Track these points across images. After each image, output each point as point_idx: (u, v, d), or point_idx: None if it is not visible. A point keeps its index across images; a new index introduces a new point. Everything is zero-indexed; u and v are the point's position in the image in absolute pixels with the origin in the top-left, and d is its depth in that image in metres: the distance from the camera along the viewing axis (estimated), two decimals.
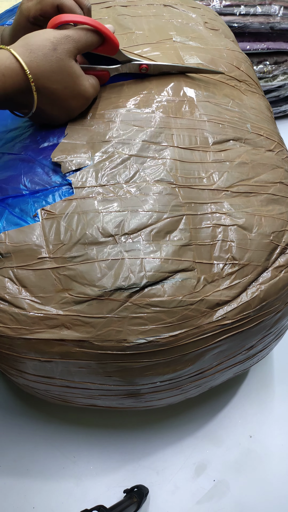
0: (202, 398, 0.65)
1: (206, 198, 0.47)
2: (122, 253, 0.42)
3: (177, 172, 0.47)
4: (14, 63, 0.42)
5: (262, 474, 0.61)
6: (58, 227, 0.43)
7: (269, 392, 0.67)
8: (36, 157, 0.48)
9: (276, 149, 0.53)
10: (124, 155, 0.47)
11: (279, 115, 1.05)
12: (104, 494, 0.59)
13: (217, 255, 0.45)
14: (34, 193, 0.46)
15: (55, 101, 0.46)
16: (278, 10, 0.89)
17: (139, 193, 0.45)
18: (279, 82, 0.94)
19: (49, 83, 0.44)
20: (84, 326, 0.42)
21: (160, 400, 0.53)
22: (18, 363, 0.46)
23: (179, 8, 0.64)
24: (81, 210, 0.44)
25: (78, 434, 0.64)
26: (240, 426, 0.64)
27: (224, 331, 0.44)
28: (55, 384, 0.49)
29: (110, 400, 0.52)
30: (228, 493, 0.59)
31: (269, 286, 0.46)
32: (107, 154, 0.47)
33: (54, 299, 0.42)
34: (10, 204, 0.46)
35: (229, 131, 0.51)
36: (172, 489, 0.60)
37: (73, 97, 0.47)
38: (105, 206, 0.44)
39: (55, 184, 0.46)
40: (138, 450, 0.63)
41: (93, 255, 0.42)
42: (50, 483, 0.60)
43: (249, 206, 0.47)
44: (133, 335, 0.42)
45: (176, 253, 0.43)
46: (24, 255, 0.43)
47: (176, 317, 0.42)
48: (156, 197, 0.45)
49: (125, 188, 0.45)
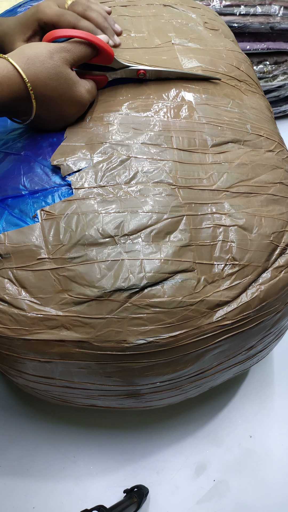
0: (202, 398, 0.66)
1: (206, 198, 0.47)
2: (122, 254, 0.42)
3: (177, 174, 0.47)
4: (12, 72, 0.43)
5: (262, 474, 0.61)
6: (58, 228, 0.43)
7: (269, 392, 0.67)
8: (36, 158, 0.48)
9: (276, 149, 0.53)
10: (123, 156, 0.47)
11: (279, 115, 1.05)
12: (104, 494, 0.59)
13: (217, 256, 0.45)
14: (33, 193, 0.46)
15: (51, 107, 0.46)
16: (278, 10, 0.89)
17: (138, 194, 0.45)
18: (279, 82, 0.94)
19: (46, 90, 0.45)
20: (84, 327, 0.42)
21: (160, 400, 0.53)
22: (18, 363, 0.46)
23: (179, 8, 0.64)
24: (80, 211, 0.44)
25: (78, 434, 0.64)
26: (240, 426, 0.64)
27: (224, 332, 0.44)
28: (55, 384, 0.49)
29: (110, 400, 0.52)
30: (228, 493, 0.59)
31: (269, 286, 0.46)
32: (107, 155, 0.47)
33: (53, 300, 0.42)
34: (10, 204, 0.46)
35: (228, 133, 0.51)
36: (172, 489, 0.60)
37: (69, 104, 0.47)
38: (105, 207, 0.44)
39: (54, 184, 0.46)
40: (138, 450, 0.63)
41: (92, 256, 0.42)
42: (50, 483, 0.60)
43: (249, 207, 0.47)
44: (133, 335, 0.42)
45: (176, 253, 0.43)
46: (23, 256, 0.43)
47: (176, 318, 0.42)
48: (155, 198, 0.45)
49: (125, 189, 0.45)
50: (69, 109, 0.48)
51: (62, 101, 0.46)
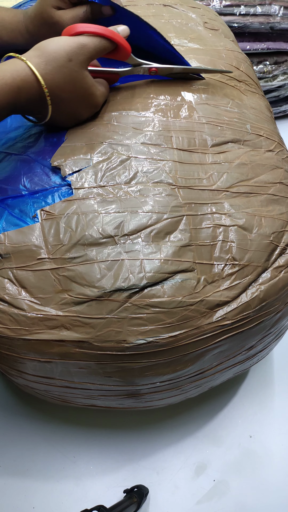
0: (202, 398, 0.66)
1: (206, 198, 0.47)
2: (122, 254, 0.42)
3: (177, 174, 0.47)
4: (30, 76, 0.43)
5: (262, 474, 0.61)
6: (58, 228, 0.43)
7: (269, 392, 0.67)
8: (36, 158, 0.48)
9: (276, 149, 0.53)
10: (123, 156, 0.47)
11: (279, 115, 1.05)
12: (104, 494, 0.59)
13: (217, 256, 0.45)
14: (33, 193, 0.46)
15: (66, 109, 0.47)
16: (278, 10, 0.89)
17: (138, 194, 0.45)
18: (279, 82, 0.94)
19: (62, 93, 0.45)
20: (84, 327, 0.42)
21: (160, 400, 0.53)
22: (18, 363, 0.46)
23: (179, 8, 0.64)
24: (80, 211, 0.44)
25: (78, 434, 0.64)
26: (240, 426, 0.64)
27: (224, 332, 0.44)
28: (55, 384, 0.49)
29: (110, 400, 0.52)
30: (228, 493, 0.59)
31: (269, 286, 0.46)
32: (106, 155, 0.47)
33: (53, 300, 0.42)
34: (10, 204, 0.46)
35: (227, 133, 0.51)
36: (172, 489, 0.60)
37: (84, 106, 0.48)
38: (105, 207, 0.44)
39: (54, 184, 0.46)
40: (138, 450, 0.63)
41: (92, 256, 0.42)
42: (50, 483, 0.60)
43: (249, 207, 0.47)
44: (133, 335, 0.42)
45: (176, 253, 0.43)
46: (23, 256, 0.43)
47: (175, 318, 0.42)
48: (155, 198, 0.45)
49: (125, 189, 0.45)
50: (82, 110, 0.48)
51: (77, 103, 0.47)
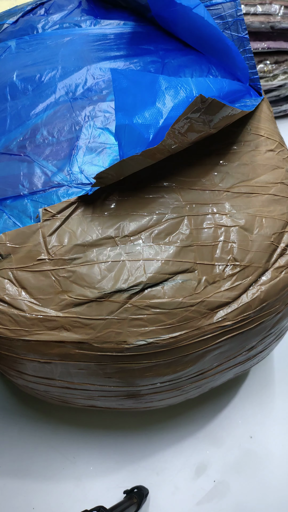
0: (203, 399, 0.65)
1: (207, 199, 0.47)
2: (122, 255, 0.42)
3: (177, 175, 0.47)
4: None
5: (263, 474, 0.61)
6: (58, 229, 0.43)
7: (269, 392, 0.67)
8: (36, 158, 0.48)
9: (277, 149, 0.53)
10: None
11: (279, 114, 1.05)
12: (104, 495, 0.59)
13: (218, 256, 0.45)
14: (33, 193, 0.46)
15: None
16: (278, 9, 0.88)
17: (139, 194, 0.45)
18: (279, 81, 0.94)
19: None
20: (84, 328, 0.42)
21: (160, 401, 0.53)
22: (17, 364, 0.46)
23: None
24: (81, 211, 0.44)
25: (78, 434, 0.64)
26: (240, 427, 0.64)
27: (224, 332, 0.44)
28: (54, 385, 0.48)
29: (110, 401, 0.52)
30: (229, 494, 0.59)
31: (269, 287, 0.46)
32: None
33: (53, 301, 0.42)
34: (10, 205, 0.45)
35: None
36: (172, 490, 0.60)
37: None
38: (105, 208, 0.44)
39: (54, 184, 0.46)
40: (138, 451, 0.63)
41: (92, 257, 0.42)
42: (50, 483, 0.60)
43: (250, 207, 0.47)
44: (133, 336, 0.42)
45: (177, 254, 0.43)
46: (23, 256, 0.43)
47: (176, 319, 0.42)
48: (156, 199, 0.45)
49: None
50: None
51: None
